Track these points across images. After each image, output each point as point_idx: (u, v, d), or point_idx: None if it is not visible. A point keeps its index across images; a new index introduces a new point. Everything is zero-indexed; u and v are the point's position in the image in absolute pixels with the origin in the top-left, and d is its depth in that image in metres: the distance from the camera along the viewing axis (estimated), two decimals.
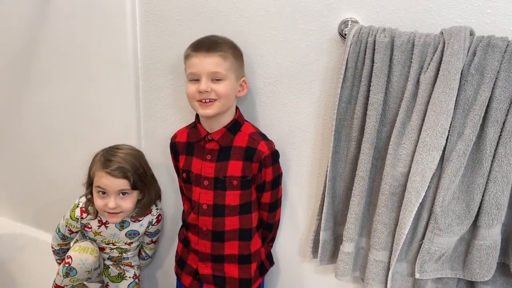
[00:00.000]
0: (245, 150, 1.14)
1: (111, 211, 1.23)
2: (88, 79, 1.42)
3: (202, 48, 1.08)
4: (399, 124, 0.98)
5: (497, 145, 0.92)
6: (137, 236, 1.36)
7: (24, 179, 1.74)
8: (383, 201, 1.03)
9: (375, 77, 0.97)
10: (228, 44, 1.11)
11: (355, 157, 1.06)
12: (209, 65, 1.07)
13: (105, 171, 1.20)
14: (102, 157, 1.23)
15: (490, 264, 0.99)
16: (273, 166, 1.16)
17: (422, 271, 1.03)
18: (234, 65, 1.10)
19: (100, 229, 1.33)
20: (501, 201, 0.94)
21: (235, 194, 1.16)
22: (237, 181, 1.15)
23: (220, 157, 1.16)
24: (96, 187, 1.23)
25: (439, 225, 0.98)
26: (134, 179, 1.22)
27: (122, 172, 1.20)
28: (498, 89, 0.89)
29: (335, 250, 1.17)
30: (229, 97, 1.11)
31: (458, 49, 0.88)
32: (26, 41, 1.50)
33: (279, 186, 1.21)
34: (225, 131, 1.15)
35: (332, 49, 1.08)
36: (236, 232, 1.19)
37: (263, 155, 1.13)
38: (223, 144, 1.15)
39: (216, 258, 1.22)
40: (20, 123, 1.64)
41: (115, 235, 1.34)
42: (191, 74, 1.10)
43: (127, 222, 1.33)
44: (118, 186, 1.21)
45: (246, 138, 1.15)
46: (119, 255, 1.39)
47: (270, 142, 1.17)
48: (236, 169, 1.14)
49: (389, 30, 0.96)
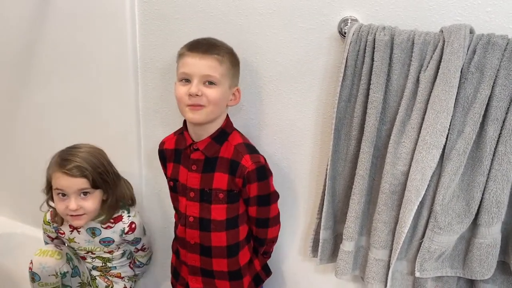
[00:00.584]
0: (229, 162, 1.07)
1: (73, 213, 1.16)
2: (88, 79, 1.42)
3: (199, 48, 1.02)
4: (399, 122, 0.98)
5: (497, 143, 0.92)
6: (113, 243, 1.29)
7: (24, 179, 1.74)
8: (383, 199, 1.03)
9: (375, 76, 0.97)
10: (226, 49, 1.06)
11: (355, 156, 1.06)
12: (204, 67, 1.01)
13: (61, 171, 1.14)
14: (59, 157, 1.18)
15: (490, 262, 0.99)
16: (258, 182, 1.07)
17: (422, 270, 1.03)
18: (229, 71, 1.05)
19: (73, 234, 1.28)
20: (501, 199, 0.93)
21: (221, 208, 1.10)
22: (223, 194, 1.09)
23: (205, 168, 1.09)
24: (55, 190, 1.17)
25: (439, 224, 0.98)
26: (94, 177, 1.16)
27: (79, 171, 1.14)
28: (498, 87, 0.89)
29: (335, 249, 1.17)
30: (220, 104, 1.05)
31: (458, 47, 0.88)
32: (25, 41, 1.49)
33: (269, 206, 1.13)
34: (210, 140, 1.08)
35: (331, 47, 1.08)
36: (223, 249, 1.14)
37: (246, 170, 1.05)
38: (208, 154, 1.09)
39: (206, 273, 1.18)
40: (20, 122, 1.64)
41: (90, 241, 1.28)
42: (183, 73, 1.03)
43: (98, 230, 1.27)
44: (77, 186, 1.15)
45: (231, 150, 1.08)
46: (103, 265, 1.35)
47: (256, 156, 1.08)
48: (222, 181, 1.08)
49: (389, 28, 0.96)
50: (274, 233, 1.19)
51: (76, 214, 1.17)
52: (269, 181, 1.11)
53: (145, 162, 1.45)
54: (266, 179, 1.10)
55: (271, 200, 1.13)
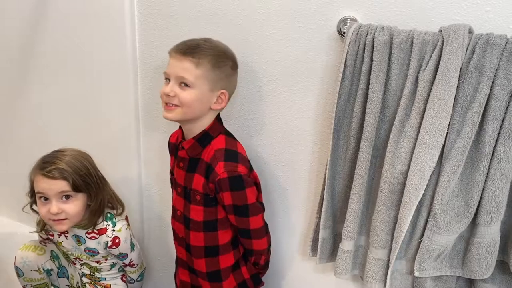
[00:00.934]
0: (206, 166, 1.07)
1: (54, 217, 1.13)
2: (87, 79, 1.42)
3: (180, 50, 1.04)
4: (398, 122, 0.98)
5: (496, 143, 0.92)
6: (97, 254, 1.26)
7: (23, 179, 1.73)
8: (382, 199, 1.03)
9: (374, 75, 0.97)
10: (212, 51, 1.04)
11: (354, 155, 1.06)
12: (178, 68, 1.02)
13: (41, 174, 1.13)
14: (41, 161, 1.16)
15: (489, 262, 0.99)
16: (231, 191, 1.04)
17: (421, 269, 1.03)
18: (208, 73, 1.02)
19: (61, 238, 1.26)
20: (500, 199, 0.94)
21: (198, 209, 1.10)
22: (200, 196, 1.09)
23: (189, 167, 1.11)
24: (37, 194, 1.15)
25: (438, 223, 0.98)
26: (75, 179, 1.13)
27: (59, 173, 1.12)
28: (497, 86, 0.89)
29: (334, 248, 1.17)
30: (194, 106, 1.04)
31: (457, 47, 0.88)
32: (23, 41, 1.49)
33: (248, 217, 1.08)
34: (193, 142, 1.09)
35: (331, 47, 1.08)
36: (201, 249, 1.13)
37: (217, 177, 1.03)
38: (191, 155, 1.10)
39: (191, 269, 1.19)
40: (19, 122, 1.64)
41: (76, 248, 1.27)
42: (164, 73, 1.07)
43: (82, 238, 1.24)
44: (57, 189, 1.12)
45: (211, 154, 1.07)
46: (91, 274, 1.33)
47: (232, 164, 1.05)
48: (199, 183, 1.08)
49: (388, 28, 0.96)
50: (260, 245, 1.15)
51: (57, 218, 1.14)
52: (245, 192, 1.06)
53: (145, 162, 1.45)
54: (242, 190, 1.06)
55: (249, 212, 1.08)
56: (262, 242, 1.15)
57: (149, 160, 1.44)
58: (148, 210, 1.51)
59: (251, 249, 1.16)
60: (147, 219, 1.53)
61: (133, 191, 1.47)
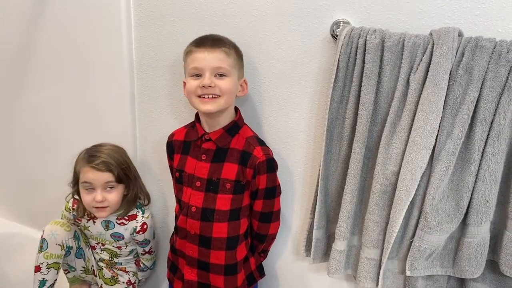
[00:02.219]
0: (241, 153, 1.12)
1: (98, 205, 1.25)
2: (83, 79, 1.43)
3: (205, 43, 1.07)
4: (390, 123, 0.99)
5: (485, 144, 0.94)
6: (122, 239, 1.36)
7: (20, 179, 1.74)
8: (374, 199, 1.04)
9: (366, 78, 0.99)
10: (231, 43, 1.11)
11: (347, 156, 1.08)
12: (213, 60, 1.05)
13: (89, 166, 1.24)
14: (86, 154, 1.27)
15: (479, 261, 1.00)
16: (268, 173, 1.12)
17: (413, 269, 1.05)
18: (236, 63, 1.09)
19: (89, 223, 1.36)
20: (490, 199, 0.95)
21: (227, 198, 1.13)
22: (230, 185, 1.12)
23: (215, 158, 1.14)
24: (82, 184, 1.26)
25: (429, 223, 0.99)
26: (118, 172, 1.26)
27: (106, 166, 1.24)
28: (486, 89, 0.90)
29: (328, 248, 1.19)
30: (232, 94, 1.10)
31: (447, 50, 0.90)
32: (20, 41, 1.50)
33: (274, 198, 1.16)
34: (223, 132, 1.13)
35: (324, 49, 1.09)
36: (223, 241, 1.16)
37: (258, 160, 1.10)
38: (220, 145, 1.13)
39: (203, 265, 1.19)
40: (16, 122, 1.65)
41: (101, 234, 1.36)
42: (194, 68, 1.07)
43: (112, 223, 1.34)
44: (103, 179, 1.24)
45: (243, 142, 1.12)
46: (109, 259, 1.40)
47: (266, 148, 1.14)
48: (231, 172, 1.12)
49: (380, 31, 0.97)
50: (274, 229, 1.22)
51: (101, 206, 1.26)
52: (275, 174, 1.15)
53: (141, 163, 1.46)
54: (274, 172, 1.14)
55: (276, 193, 1.16)
56: (277, 224, 1.22)
57: (145, 161, 1.45)
58: None
59: (266, 234, 1.20)
60: None
61: None
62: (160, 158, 1.41)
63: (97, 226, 1.35)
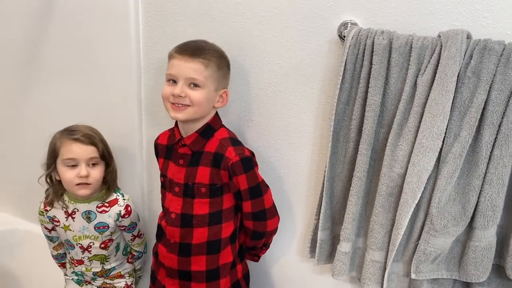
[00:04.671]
0: (213, 155, 1.10)
1: (82, 180, 1.21)
2: (91, 78, 1.44)
3: (186, 51, 1.06)
4: (396, 125, 0.99)
5: (493, 147, 0.93)
6: (107, 229, 1.31)
7: (26, 176, 1.75)
8: (380, 201, 1.04)
9: (373, 79, 0.98)
10: (214, 52, 1.09)
11: (353, 158, 1.07)
12: (189, 70, 1.05)
13: (72, 139, 1.21)
14: (65, 131, 1.24)
15: (485, 265, 1.00)
16: (246, 173, 1.09)
17: (418, 272, 1.04)
18: (215, 74, 1.07)
19: (68, 221, 1.30)
20: (497, 203, 0.94)
21: (204, 202, 1.12)
22: (205, 189, 1.11)
23: (191, 162, 1.12)
24: (64, 161, 1.22)
25: (435, 226, 0.99)
26: (101, 147, 1.24)
27: (89, 139, 1.22)
28: (494, 92, 0.90)
29: (333, 250, 1.18)
30: (203, 105, 1.08)
31: (455, 52, 0.89)
32: (29, 40, 1.51)
33: (262, 196, 1.13)
34: (196, 135, 1.12)
35: (331, 50, 1.09)
36: (203, 245, 1.14)
37: (230, 162, 1.07)
38: (194, 149, 1.12)
39: (183, 275, 1.18)
40: (22, 120, 1.66)
41: (84, 228, 1.30)
42: (169, 75, 1.08)
43: (93, 213, 1.29)
44: (88, 154, 1.22)
45: (216, 143, 1.11)
46: (101, 268, 1.36)
47: (240, 148, 1.10)
48: (205, 175, 1.10)
49: (388, 32, 0.97)
50: (273, 225, 1.19)
51: (84, 182, 1.22)
52: (255, 171, 1.11)
53: (147, 161, 1.47)
54: (253, 170, 1.11)
55: (262, 190, 1.13)
56: (275, 221, 1.18)
57: (152, 160, 1.46)
58: (149, 209, 1.53)
59: (264, 231, 1.17)
60: (149, 218, 1.54)
61: (135, 190, 1.49)
62: None
63: (77, 220, 1.29)
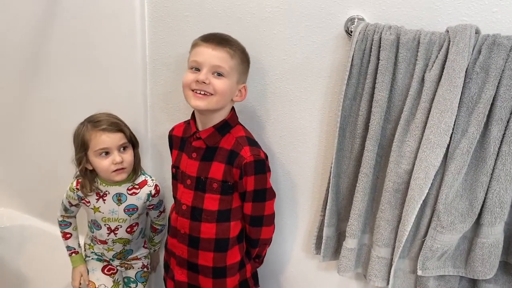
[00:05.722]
0: (229, 152, 1.10)
1: (118, 166, 1.25)
2: (96, 75, 1.44)
3: (213, 40, 1.06)
4: (404, 121, 0.98)
5: (501, 143, 0.92)
6: (135, 211, 1.34)
7: (33, 173, 1.76)
8: (387, 198, 1.03)
9: (380, 75, 0.98)
10: (239, 46, 1.09)
11: (359, 154, 1.07)
12: (215, 57, 1.04)
13: (101, 129, 1.23)
14: (89, 124, 1.26)
15: (492, 262, 0.99)
16: (255, 175, 1.09)
17: (424, 268, 1.04)
18: (239, 67, 1.08)
19: (98, 203, 1.33)
20: (504, 200, 0.94)
21: (214, 198, 1.12)
22: (217, 184, 1.11)
23: (204, 157, 1.12)
24: (96, 151, 1.24)
25: (441, 223, 0.98)
26: (127, 132, 1.28)
27: (116, 126, 1.25)
28: (502, 87, 0.89)
29: (338, 246, 1.18)
30: (225, 96, 1.07)
31: (463, 47, 0.89)
32: (36, 37, 1.52)
33: (264, 202, 1.13)
34: (213, 130, 1.11)
35: (338, 46, 1.08)
36: (211, 242, 1.14)
37: (244, 161, 1.07)
38: (209, 144, 1.12)
39: (192, 266, 1.19)
40: (29, 117, 1.67)
41: (114, 211, 1.33)
42: (194, 61, 1.07)
43: (124, 196, 1.33)
44: (118, 140, 1.25)
45: (232, 141, 1.10)
46: (122, 249, 1.40)
47: (256, 149, 1.10)
48: (218, 171, 1.10)
49: (395, 27, 0.96)
50: (267, 233, 1.19)
51: (120, 167, 1.26)
52: (266, 176, 1.12)
53: (152, 158, 1.47)
54: (263, 174, 1.11)
55: (266, 197, 1.13)
56: (270, 229, 1.19)
57: (156, 156, 1.46)
58: None
59: (258, 238, 1.18)
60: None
61: None
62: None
63: (108, 203, 1.33)
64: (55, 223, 1.44)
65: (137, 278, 1.44)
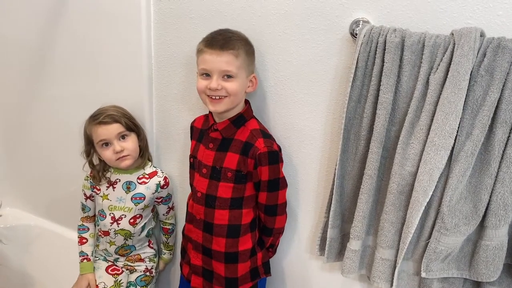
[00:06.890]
0: (244, 144, 1.15)
1: (119, 155, 1.32)
2: (102, 75, 1.45)
3: (215, 45, 1.09)
4: (408, 123, 0.99)
5: (506, 146, 0.92)
6: (142, 201, 1.38)
7: (38, 172, 1.77)
8: (391, 200, 1.04)
9: (385, 77, 0.98)
10: (241, 40, 1.12)
11: (364, 156, 1.07)
12: (221, 63, 1.08)
13: (97, 123, 1.31)
14: (90, 117, 1.34)
15: (496, 264, 0.99)
16: (269, 165, 1.14)
17: (428, 270, 1.04)
18: (245, 62, 1.12)
19: (108, 190, 1.39)
20: (509, 202, 0.94)
21: (228, 186, 1.17)
22: (231, 174, 1.16)
23: (220, 147, 1.18)
24: (98, 143, 1.33)
25: (446, 225, 0.98)
26: (125, 121, 1.33)
27: (111, 118, 1.31)
28: (507, 90, 0.89)
29: (342, 247, 1.18)
30: (239, 94, 1.13)
31: (468, 50, 0.89)
32: (42, 37, 1.53)
33: (278, 191, 1.18)
34: (229, 123, 1.17)
35: (343, 48, 1.09)
36: (224, 228, 1.20)
37: (258, 151, 1.13)
38: (225, 135, 1.17)
39: (206, 251, 1.24)
40: (35, 117, 1.68)
41: (121, 199, 1.38)
42: (202, 69, 1.12)
43: (133, 184, 1.38)
44: (115, 130, 1.31)
45: (247, 133, 1.16)
46: (123, 243, 1.41)
47: (270, 141, 1.15)
48: (233, 161, 1.16)
49: (400, 30, 0.97)
50: (281, 222, 1.24)
51: (122, 155, 1.33)
52: (279, 166, 1.17)
53: (157, 157, 1.48)
54: (277, 164, 1.15)
55: (280, 186, 1.18)
56: (283, 218, 1.24)
57: (162, 154, 1.47)
58: None
59: (272, 227, 1.23)
60: None
61: None
62: (177, 154, 1.43)
63: (117, 191, 1.38)
64: (60, 222, 1.46)
65: (136, 282, 1.45)
